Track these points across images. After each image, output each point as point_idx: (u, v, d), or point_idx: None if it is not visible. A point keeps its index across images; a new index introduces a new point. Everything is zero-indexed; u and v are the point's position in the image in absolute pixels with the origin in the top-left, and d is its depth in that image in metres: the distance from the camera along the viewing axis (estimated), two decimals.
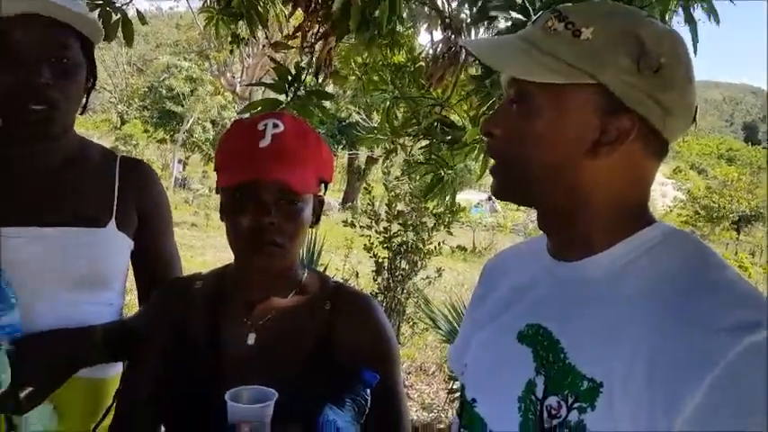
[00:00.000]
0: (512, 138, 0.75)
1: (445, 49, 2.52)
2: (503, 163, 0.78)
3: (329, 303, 1.11)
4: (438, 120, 2.66)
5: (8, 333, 1.04)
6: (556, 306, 0.76)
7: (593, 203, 0.74)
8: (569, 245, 0.77)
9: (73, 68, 1.14)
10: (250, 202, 1.01)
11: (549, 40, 0.72)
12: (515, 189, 0.79)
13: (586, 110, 0.71)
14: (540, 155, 0.73)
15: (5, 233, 1.11)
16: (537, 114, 0.72)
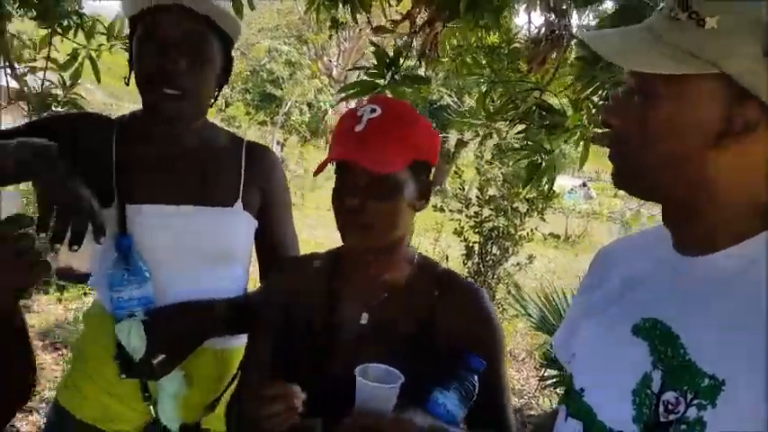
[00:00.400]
0: (633, 129, 0.74)
1: (548, 32, 2.47)
2: (623, 154, 0.77)
3: (438, 290, 1.14)
4: (536, 104, 2.61)
5: (143, 305, 1.14)
6: (676, 301, 0.75)
7: (718, 198, 0.73)
8: (693, 240, 0.76)
9: (207, 59, 1.22)
10: (344, 184, 1.06)
11: (672, 30, 0.71)
12: (636, 181, 0.79)
13: (711, 100, 0.69)
14: (662, 147, 0.72)
15: (144, 210, 1.22)
16: (659, 106, 0.71)
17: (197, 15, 1.19)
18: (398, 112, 1.08)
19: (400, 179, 1.06)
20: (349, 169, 1.05)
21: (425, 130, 1.11)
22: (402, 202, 1.07)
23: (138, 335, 1.11)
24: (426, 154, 1.11)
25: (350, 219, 1.05)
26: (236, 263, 1.34)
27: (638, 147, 0.74)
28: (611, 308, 0.83)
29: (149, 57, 1.18)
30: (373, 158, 1.01)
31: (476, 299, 1.15)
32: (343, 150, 1.04)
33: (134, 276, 1.14)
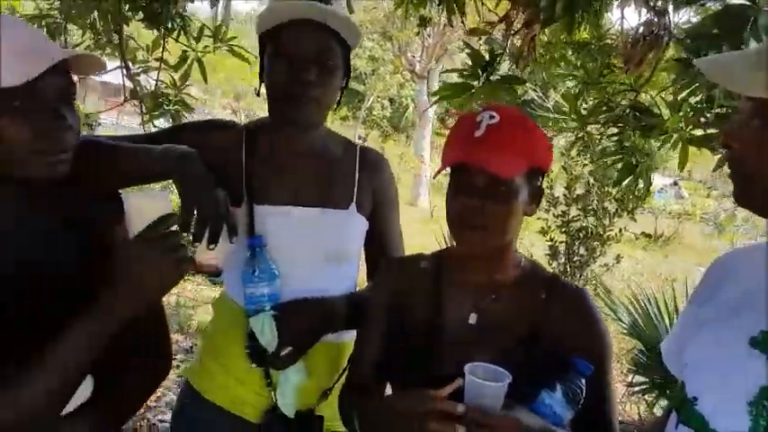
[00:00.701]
0: (752, 152, 0.76)
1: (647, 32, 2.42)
2: (742, 175, 0.79)
3: (545, 293, 1.17)
4: (631, 106, 2.56)
5: (272, 300, 1.23)
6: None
7: None
8: None
9: (334, 69, 1.30)
10: (461, 186, 1.10)
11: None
12: (756, 200, 0.81)
13: None
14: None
15: (271, 211, 1.31)
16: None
17: (326, 29, 1.27)
18: (517, 120, 1.12)
19: (517, 184, 1.09)
20: (467, 172, 1.09)
21: (542, 139, 1.15)
22: (517, 206, 1.11)
23: (270, 328, 1.20)
24: (541, 161, 1.14)
25: (467, 219, 1.10)
26: (349, 262, 1.41)
27: (757, 168, 0.76)
28: (727, 320, 0.84)
29: (284, 71, 1.27)
30: (496, 162, 1.05)
31: (584, 304, 1.17)
32: (465, 154, 1.09)
33: (264, 274, 1.23)
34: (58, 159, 0.96)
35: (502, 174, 1.06)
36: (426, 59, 13.79)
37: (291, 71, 1.26)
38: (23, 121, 0.92)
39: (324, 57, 1.28)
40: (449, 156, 1.13)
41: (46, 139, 0.94)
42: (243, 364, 1.25)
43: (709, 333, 0.88)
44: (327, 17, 1.27)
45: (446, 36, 12.34)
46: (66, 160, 0.98)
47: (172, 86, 3.12)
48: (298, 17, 1.25)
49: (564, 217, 5.21)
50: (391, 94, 20.48)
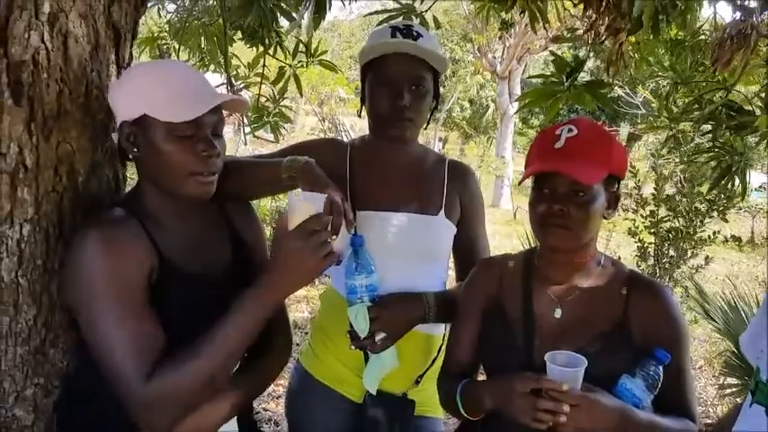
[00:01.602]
0: None
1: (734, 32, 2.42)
2: None
3: (626, 288, 1.28)
4: (723, 104, 2.55)
5: (369, 292, 1.38)
6: None
7: None
8: None
9: (425, 94, 1.49)
10: (545, 192, 1.23)
11: None
12: None
13: None
14: None
15: (371, 216, 1.48)
16: None
17: (419, 60, 1.46)
18: (594, 131, 1.24)
19: (596, 190, 1.22)
20: (550, 180, 1.21)
21: (619, 149, 1.26)
22: (597, 210, 1.23)
23: (363, 317, 1.36)
24: (618, 169, 1.26)
25: (552, 222, 1.22)
26: (438, 262, 1.57)
27: None
28: None
29: (385, 97, 1.46)
30: (576, 170, 1.18)
31: (662, 297, 1.27)
32: (547, 163, 1.21)
33: (363, 269, 1.37)
34: (209, 181, 1.16)
35: (586, 181, 1.19)
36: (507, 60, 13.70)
37: (391, 97, 1.45)
38: (187, 149, 1.12)
39: (417, 83, 1.47)
40: (532, 165, 1.26)
41: (202, 164, 1.14)
42: (346, 348, 1.42)
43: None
44: (419, 51, 1.45)
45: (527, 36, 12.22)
46: (214, 181, 1.18)
47: (271, 99, 3.37)
48: (395, 51, 1.44)
49: (653, 217, 5.13)
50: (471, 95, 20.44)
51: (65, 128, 1.15)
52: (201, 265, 1.21)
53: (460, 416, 1.34)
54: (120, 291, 1.07)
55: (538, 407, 1.11)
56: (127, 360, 1.05)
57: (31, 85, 1.08)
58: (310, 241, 1.10)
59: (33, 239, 1.13)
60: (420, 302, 1.45)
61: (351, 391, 1.53)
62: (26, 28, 1.05)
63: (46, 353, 1.20)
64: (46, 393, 1.21)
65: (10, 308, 1.13)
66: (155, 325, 1.10)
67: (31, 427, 1.18)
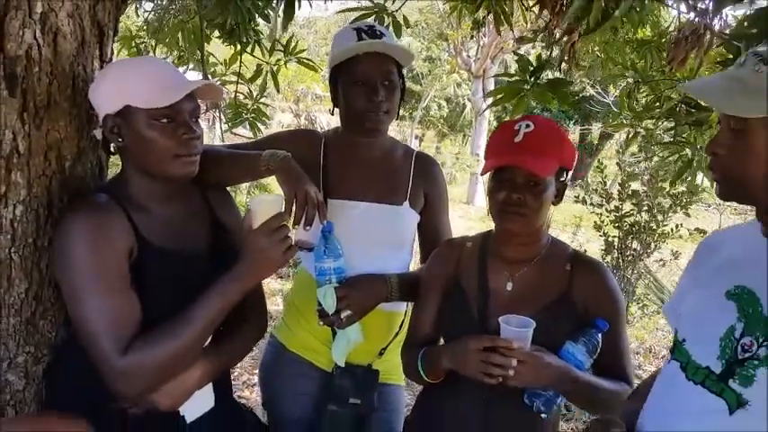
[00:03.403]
0: (733, 158, 0.98)
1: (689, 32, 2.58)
2: (726, 177, 1.01)
3: (569, 265, 1.43)
4: (681, 101, 2.70)
5: (338, 274, 1.50)
6: (761, 272, 0.98)
7: None
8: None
9: (396, 87, 1.61)
10: (504, 182, 1.36)
11: (757, 79, 0.93)
12: (738, 196, 1.04)
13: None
14: (761, 172, 0.95)
15: (341, 204, 1.61)
16: (755, 140, 0.94)
17: (387, 57, 1.59)
18: (549, 129, 1.39)
19: (549, 180, 1.36)
20: (509, 171, 1.35)
21: (568, 144, 1.41)
22: (548, 198, 1.38)
23: (331, 296, 1.48)
24: (567, 163, 1.41)
25: (509, 209, 1.36)
26: (402, 248, 1.71)
27: (739, 172, 0.98)
28: (714, 279, 1.07)
29: (361, 93, 1.59)
30: (533, 164, 1.32)
31: (602, 273, 1.43)
32: (509, 158, 1.35)
33: (331, 253, 1.49)
34: (191, 161, 1.28)
35: (539, 173, 1.33)
36: (482, 59, 13.90)
37: (367, 94, 1.58)
38: (169, 134, 1.23)
39: (388, 78, 1.60)
40: (493, 158, 1.40)
41: (184, 146, 1.25)
42: (315, 322, 1.55)
43: (697, 290, 1.12)
44: (387, 49, 1.58)
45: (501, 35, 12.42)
46: (197, 161, 1.29)
47: (249, 97, 3.47)
48: (365, 51, 1.57)
49: (617, 212, 5.32)
50: (447, 93, 20.65)
51: (54, 117, 1.26)
52: (182, 246, 1.32)
53: (422, 380, 1.47)
54: (101, 269, 1.18)
55: (489, 361, 1.25)
56: (104, 333, 1.16)
57: (24, 78, 1.18)
58: (273, 237, 1.24)
59: (25, 219, 1.24)
60: (383, 283, 1.58)
61: (321, 360, 1.67)
62: (21, 26, 1.15)
63: (36, 324, 1.30)
64: (36, 361, 1.31)
65: (3, 281, 1.23)
66: (133, 302, 1.21)
67: (22, 392, 1.29)
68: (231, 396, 1.49)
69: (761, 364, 0.92)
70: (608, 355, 1.37)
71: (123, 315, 1.19)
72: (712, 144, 1.01)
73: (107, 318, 1.16)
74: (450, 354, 1.37)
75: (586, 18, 2.31)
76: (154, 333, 1.19)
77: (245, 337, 1.43)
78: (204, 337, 1.26)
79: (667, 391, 1.11)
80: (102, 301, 1.17)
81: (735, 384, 0.96)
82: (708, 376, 1.00)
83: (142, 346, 1.17)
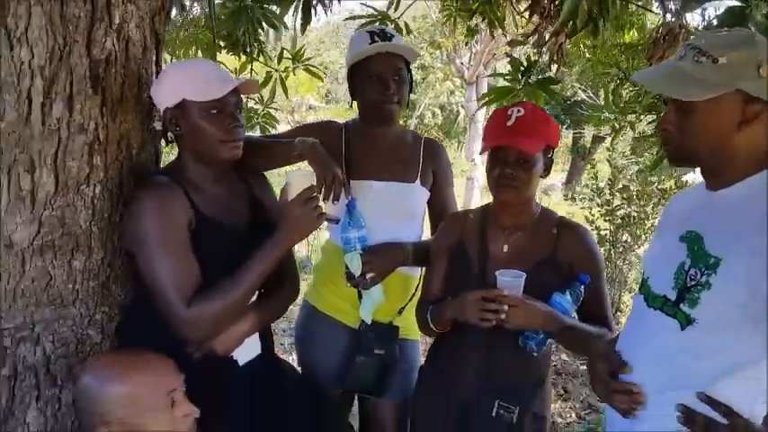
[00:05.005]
0: (680, 133, 1.22)
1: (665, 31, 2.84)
2: (675, 148, 1.25)
3: (556, 229, 1.68)
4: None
5: (361, 242, 1.75)
6: (705, 218, 1.23)
7: (736, 157, 1.19)
8: (718, 182, 1.24)
9: (404, 82, 1.88)
10: (499, 160, 1.61)
11: (698, 68, 1.16)
12: (686, 162, 1.29)
13: (733, 105, 1.15)
14: (704, 140, 1.19)
15: (361, 184, 1.85)
16: (699, 117, 1.18)
17: (397, 55, 1.86)
18: (537, 113, 1.64)
19: (537, 157, 1.61)
20: (503, 150, 1.60)
21: (554, 126, 1.67)
22: (537, 173, 1.63)
23: (357, 261, 1.73)
24: (553, 141, 1.66)
25: (504, 183, 1.60)
26: (414, 220, 1.97)
27: (687, 144, 1.21)
28: (671, 229, 1.32)
29: (376, 88, 1.85)
30: (524, 144, 1.57)
31: (584, 236, 1.69)
32: (501, 138, 1.60)
33: (355, 224, 1.74)
34: (236, 146, 1.52)
35: (530, 151, 1.58)
36: (475, 65, 14.17)
37: (380, 88, 1.84)
38: (218, 122, 1.48)
39: (398, 74, 1.86)
40: (489, 140, 1.64)
41: (230, 133, 1.49)
42: (343, 286, 1.80)
43: (658, 240, 1.39)
44: (396, 49, 1.85)
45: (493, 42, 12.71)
46: (240, 146, 1.54)
47: (259, 102, 3.72)
48: (378, 51, 1.83)
49: (608, 206, 5.58)
50: (441, 101, 20.94)
51: (125, 111, 1.50)
52: (229, 221, 1.56)
53: (432, 332, 1.72)
54: (167, 236, 1.42)
55: (484, 308, 1.49)
56: (172, 289, 1.40)
57: (103, 78, 1.42)
58: (307, 206, 1.48)
59: (103, 197, 1.48)
60: (400, 250, 1.83)
61: (348, 319, 1.91)
62: (103, 35, 1.40)
63: (110, 287, 1.54)
64: (110, 319, 1.55)
65: (85, 249, 1.47)
66: (194, 264, 1.45)
67: (99, 345, 1.52)
68: (273, 350, 1.73)
69: (703, 289, 1.16)
70: (591, 305, 1.62)
71: (187, 274, 1.43)
72: (663, 122, 1.26)
73: (174, 276, 1.40)
74: (453, 306, 1.61)
75: (573, 21, 2.57)
76: (211, 290, 1.43)
77: (282, 297, 1.67)
78: (250, 294, 1.50)
79: (633, 317, 1.36)
80: (169, 263, 1.41)
81: (685, 307, 1.19)
82: (665, 303, 1.24)
83: (202, 301, 1.41)
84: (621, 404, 1.27)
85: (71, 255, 1.44)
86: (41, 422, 1.42)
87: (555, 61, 2.66)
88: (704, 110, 1.17)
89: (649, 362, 1.25)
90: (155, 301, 1.43)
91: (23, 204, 1.35)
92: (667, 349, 1.23)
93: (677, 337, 1.20)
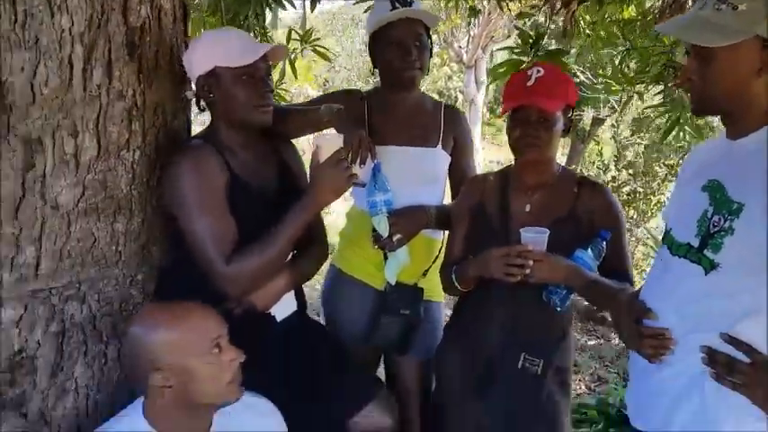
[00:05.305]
0: (702, 80, 1.26)
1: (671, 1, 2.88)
2: (698, 95, 1.30)
3: (576, 187, 1.73)
4: (666, 64, 2.98)
5: (387, 205, 1.79)
6: (726, 166, 1.28)
7: (756, 105, 1.24)
8: (737, 131, 1.29)
9: (425, 47, 1.92)
10: (520, 120, 1.66)
11: (718, 16, 1.21)
12: (709, 111, 1.34)
13: (752, 52, 1.20)
14: (724, 88, 1.24)
15: (384, 149, 1.89)
16: (719, 63, 1.22)
17: (417, 21, 1.90)
18: (557, 73, 1.69)
19: (557, 116, 1.66)
20: (525, 110, 1.64)
21: (572, 86, 1.72)
22: (557, 132, 1.68)
23: (384, 223, 1.78)
24: (571, 100, 1.70)
25: (526, 141, 1.65)
26: (436, 184, 2.02)
27: (708, 89, 1.26)
28: (691, 182, 1.37)
29: (397, 53, 1.89)
30: (544, 103, 1.62)
31: (604, 193, 1.74)
32: (524, 98, 1.64)
33: (381, 188, 1.79)
34: (268, 110, 1.58)
35: (548, 109, 1.63)
36: (473, 49, 14.16)
37: (402, 54, 1.88)
38: (249, 87, 1.53)
39: (419, 40, 1.90)
40: (511, 100, 1.69)
41: (261, 98, 1.55)
42: (369, 249, 1.86)
43: (680, 192, 1.44)
44: (416, 14, 1.89)
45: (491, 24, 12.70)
46: (271, 111, 1.59)
47: None
48: (399, 17, 1.87)
49: (614, 182, 5.65)
50: (439, 86, 20.92)
51: (159, 79, 1.56)
52: (260, 183, 1.62)
53: (456, 291, 1.78)
54: (205, 196, 1.48)
55: (509, 263, 1.55)
56: (212, 247, 1.47)
57: (139, 45, 1.48)
58: (338, 167, 1.53)
59: (142, 162, 1.54)
60: (425, 213, 1.89)
61: (374, 281, 1.97)
62: (138, 3, 1.45)
63: (150, 249, 1.60)
64: (150, 279, 1.61)
65: (126, 212, 1.52)
66: (232, 223, 1.51)
67: (141, 304, 1.58)
68: (306, 308, 1.79)
69: (726, 234, 1.21)
70: (612, 260, 1.66)
71: (225, 232, 1.49)
72: (684, 72, 1.31)
73: (213, 234, 1.47)
74: (478, 263, 1.66)
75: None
76: (249, 247, 1.49)
77: (313, 258, 1.74)
78: (286, 252, 1.56)
79: (657, 266, 1.41)
80: (208, 222, 1.47)
81: (708, 252, 1.24)
82: (689, 250, 1.29)
83: (241, 257, 1.48)
84: (650, 349, 1.31)
85: (113, 217, 1.50)
86: (89, 376, 1.48)
87: (568, 31, 2.70)
88: (724, 56, 1.22)
89: (674, 307, 1.30)
90: (195, 261, 1.49)
91: (67, 168, 1.40)
92: (692, 294, 1.28)
93: (701, 282, 1.25)
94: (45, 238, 1.39)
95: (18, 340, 1.38)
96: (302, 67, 3.74)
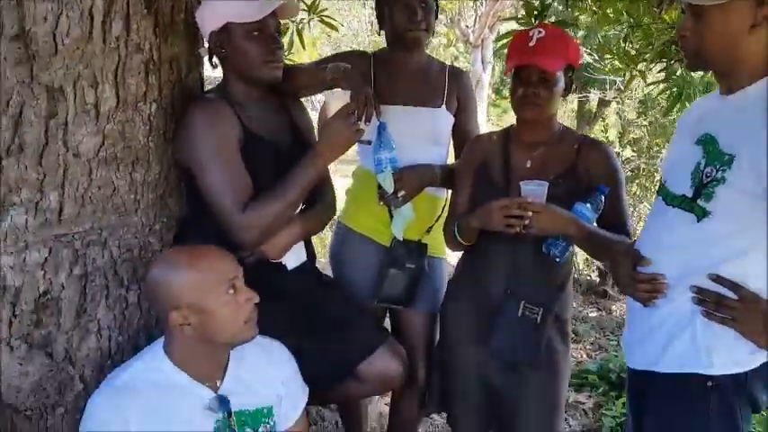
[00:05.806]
0: (696, 37, 1.31)
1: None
2: (692, 52, 1.35)
3: (577, 144, 1.79)
4: (670, 41, 3.01)
5: (392, 163, 1.85)
6: (718, 121, 1.34)
7: (747, 61, 1.29)
8: (729, 87, 1.34)
9: (431, 9, 1.97)
10: (522, 79, 1.71)
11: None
12: (702, 66, 1.39)
13: (744, 8, 1.25)
14: (717, 45, 1.29)
15: (389, 109, 1.93)
16: (712, 20, 1.27)
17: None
18: (557, 33, 1.74)
19: (558, 76, 1.71)
20: (526, 70, 1.69)
21: (574, 46, 1.77)
22: (558, 91, 1.73)
23: (389, 180, 1.84)
24: (573, 61, 1.75)
25: (527, 100, 1.71)
26: (441, 144, 2.08)
27: (703, 48, 1.31)
28: (684, 136, 1.42)
29: (403, 14, 1.94)
30: (545, 62, 1.66)
31: (604, 150, 1.80)
32: (524, 58, 1.70)
33: (386, 146, 1.84)
34: (278, 66, 1.63)
35: (551, 69, 1.68)
36: (480, 28, 14.10)
37: (407, 15, 1.94)
38: (260, 43, 1.58)
39: (425, 1, 1.96)
40: (513, 59, 1.74)
41: (272, 53, 1.60)
42: (375, 206, 1.92)
43: (674, 146, 1.50)
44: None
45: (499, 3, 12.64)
46: (281, 67, 1.64)
47: None
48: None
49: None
50: None
51: (175, 34, 1.61)
52: (271, 138, 1.67)
53: (460, 245, 1.84)
54: (220, 147, 1.54)
55: (509, 214, 1.60)
56: (228, 197, 1.53)
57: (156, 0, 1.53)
58: (346, 121, 1.59)
59: (159, 114, 1.59)
60: (429, 170, 1.95)
61: (380, 237, 2.04)
62: None
63: (167, 200, 1.66)
64: (168, 230, 1.68)
65: (144, 163, 1.59)
66: (245, 173, 1.57)
67: (159, 251, 1.65)
68: (315, 259, 1.86)
69: (718, 183, 1.27)
70: (610, 214, 1.72)
71: (240, 182, 1.55)
72: (680, 30, 1.36)
73: (229, 184, 1.53)
74: (479, 214, 1.71)
75: None
76: (262, 197, 1.56)
77: (322, 210, 1.81)
78: (298, 201, 1.63)
79: (652, 216, 1.47)
80: (223, 172, 1.53)
81: (701, 201, 1.30)
82: (683, 200, 1.35)
83: (255, 206, 1.54)
84: (644, 294, 1.39)
85: (132, 167, 1.56)
86: (110, 318, 1.55)
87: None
88: (717, 13, 1.27)
89: (668, 253, 1.37)
90: (211, 212, 1.55)
91: (88, 117, 1.46)
92: (684, 240, 1.34)
93: (694, 229, 1.32)
94: (68, 184, 1.44)
95: (43, 282, 1.44)
96: (307, 43, 3.75)
